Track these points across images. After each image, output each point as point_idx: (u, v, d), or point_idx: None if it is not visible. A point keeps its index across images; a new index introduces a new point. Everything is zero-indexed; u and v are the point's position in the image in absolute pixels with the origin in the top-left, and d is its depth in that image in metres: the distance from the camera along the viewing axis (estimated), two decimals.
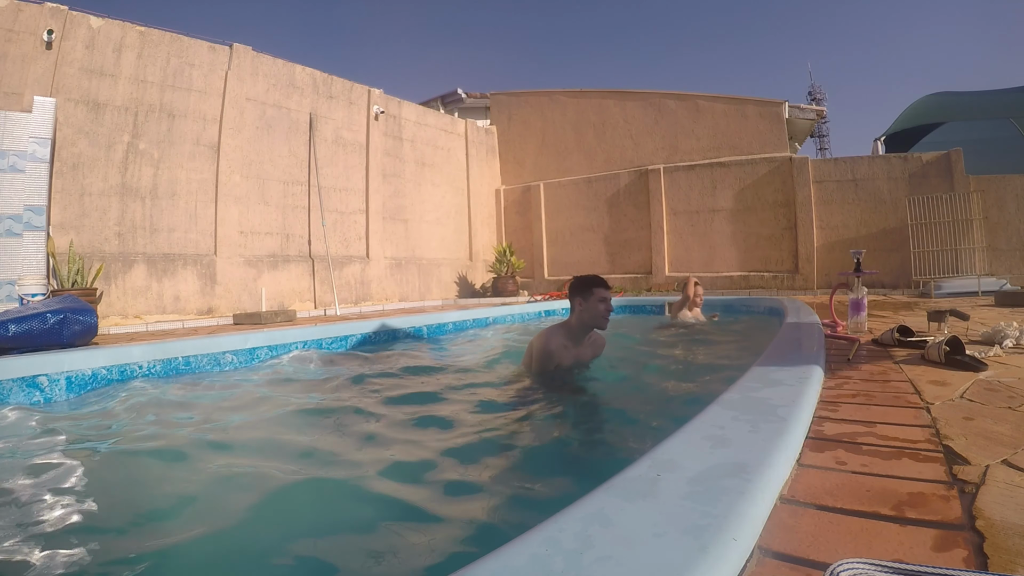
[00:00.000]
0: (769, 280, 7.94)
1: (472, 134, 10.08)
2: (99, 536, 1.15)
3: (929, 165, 7.13)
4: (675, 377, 2.85)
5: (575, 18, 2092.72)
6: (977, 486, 0.84)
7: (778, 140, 8.16)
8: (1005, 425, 1.15)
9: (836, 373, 1.80)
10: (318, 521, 1.20)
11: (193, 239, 6.03)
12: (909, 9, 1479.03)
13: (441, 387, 2.59)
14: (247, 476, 1.49)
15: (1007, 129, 8.90)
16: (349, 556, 1.06)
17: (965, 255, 6.76)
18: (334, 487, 1.41)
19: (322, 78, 7.50)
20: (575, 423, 1.96)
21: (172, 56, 5.92)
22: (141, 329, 5.05)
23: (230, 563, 1.07)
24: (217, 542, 1.13)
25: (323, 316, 6.17)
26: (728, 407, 1.17)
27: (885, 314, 4.03)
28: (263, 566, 1.04)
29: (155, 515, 1.27)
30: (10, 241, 4.61)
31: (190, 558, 1.07)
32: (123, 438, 1.85)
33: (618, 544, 0.60)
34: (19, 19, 4.98)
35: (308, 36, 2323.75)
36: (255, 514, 1.26)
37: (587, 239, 9.62)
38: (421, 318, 4.75)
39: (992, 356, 1.98)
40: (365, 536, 1.13)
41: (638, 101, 9.30)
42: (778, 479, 0.84)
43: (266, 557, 1.07)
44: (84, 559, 1.05)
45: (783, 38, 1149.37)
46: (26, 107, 4.83)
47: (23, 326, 3.10)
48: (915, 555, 0.65)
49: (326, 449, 1.74)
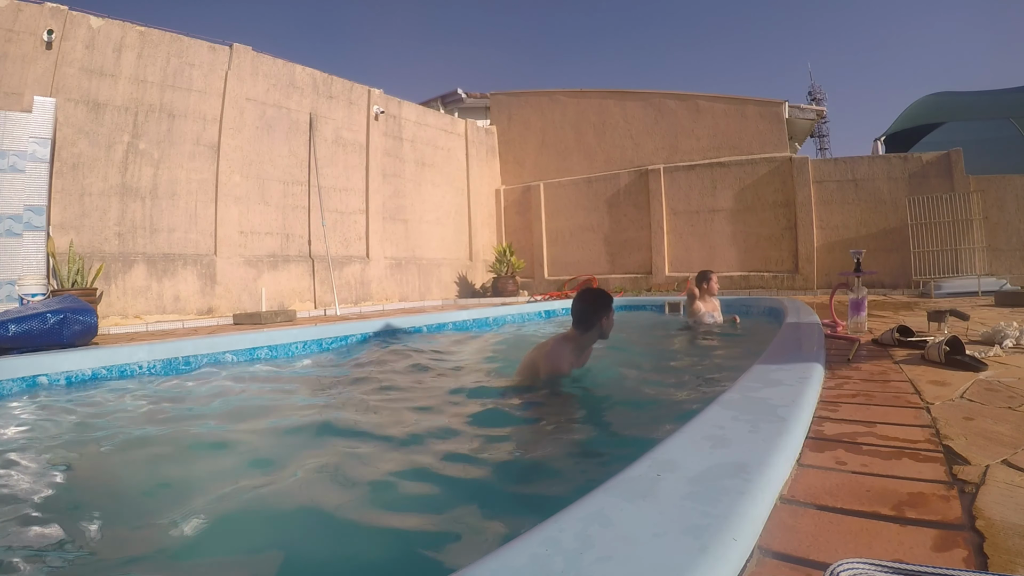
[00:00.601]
0: (769, 280, 7.94)
1: (472, 134, 10.08)
2: (80, 539, 1.15)
3: (929, 165, 7.13)
4: (679, 381, 2.84)
5: (575, 18, 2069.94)
6: (977, 486, 0.84)
7: (778, 140, 8.16)
8: (1005, 425, 1.15)
9: (836, 373, 1.80)
10: (318, 521, 1.20)
11: (193, 239, 6.03)
12: (909, 9, 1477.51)
13: (440, 387, 2.58)
14: (246, 477, 1.49)
15: (1007, 129, 8.90)
16: (349, 556, 1.06)
17: (965, 255, 6.76)
18: (333, 487, 1.40)
19: (322, 78, 7.50)
20: (579, 424, 1.96)
21: (172, 56, 5.92)
22: (141, 329, 5.05)
23: (229, 564, 1.07)
24: (212, 546, 1.13)
25: (323, 316, 6.17)
26: (728, 407, 1.17)
27: (885, 314, 4.03)
28: (263, 566, 1.04)
29: (149, 516, 1.27)
30: (10, 241, 4.61)
31: (187, 559, 1.07)
32: (113, 439, 1.85)
33: (618, 544, 0.60)
34: (19, 19, 4.98)
35: (308, 36, 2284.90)
36: (254, 515, 1.26)
37: (587, 239, 9.62)
38: (421, 318, 4.76)
39: (992, 356, 1.98)
40: (365, 536, 1.13)
41: (638, 101, 9.30)
42: (778, 479, 0.84)
43: (265, 557, 1.06)
44: (75, 561, 1.05)
45: (783, 38, 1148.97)
46: (26, 107, 4.83)
47: (23, 326, 3.10)
48: (915, 555, 0.65)
49: (325, 449, 1.74)
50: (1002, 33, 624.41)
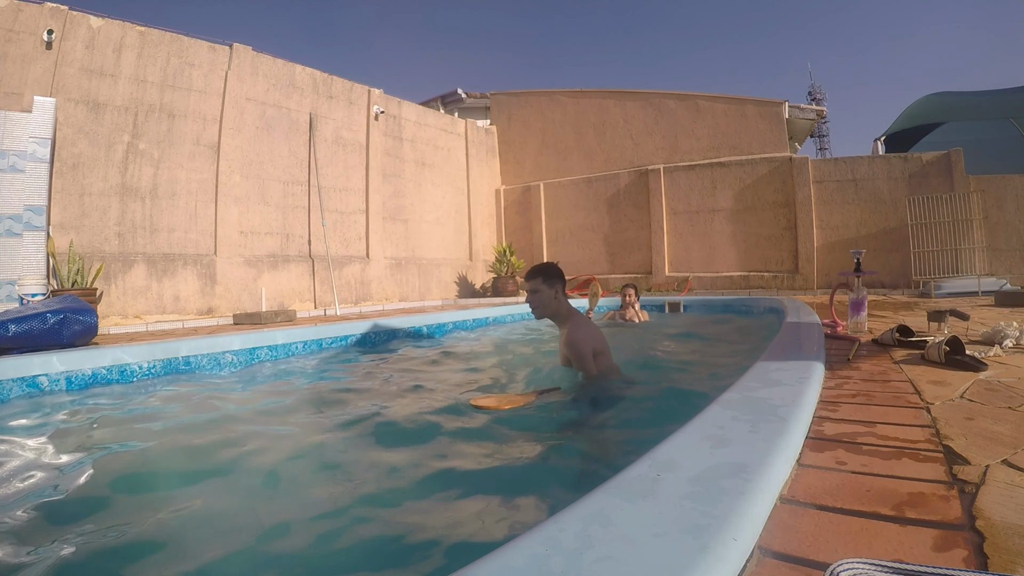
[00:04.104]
0: (769, 280, 7.94)
1: (472, 134, 10.08)
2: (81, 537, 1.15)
3: (929, 165, 7.13)
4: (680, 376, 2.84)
5: (575, 18, 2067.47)
6: (977, 486, 0.84)
7: (778, 140, 8.16)
8: (1005, 425, 1.15)
9: (836, 373, 1.80)
10: (318, 521, 1.20)
11: (193, 239, 6.03)
12: (909, 9, 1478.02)
13: (439, 388, 2.58)
14: (246, 480, 1.49)
15: (1007, 129, 8.89)
16: (349, 556, 1.06)
17: (965, 255, 6.76)
18: (333, 487, 1.40)
19: (322, 78, 7.50)
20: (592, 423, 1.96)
21: (172, 56, 5.92)
22: (141, 329, 5.05)
23: (227, 564, 1.07)
24: (210, 547, 1.13)
25: (323, 316, 6.17)
26: (728, 407, 1.17)
27: (885, 314, 4.03)
28: (262, 566, 1.04)
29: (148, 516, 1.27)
30: (10, 241, 4.61)
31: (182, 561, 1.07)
32: (107, 441, 1.85)
33: (618, 544, 0.60)
34: (19, 19, 4.98)
35: (308, 36, 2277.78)
36: (253, 515, 1.26)
37: (587, 239, 9.62)
38: (421, 318, 4.75)
39: (992, 356, 1.98)
40: (365, 536, 1.13)
41: (638, 101, 9.30)
42: (778, 479, 0.84)
43: (265, 557, 1.06)
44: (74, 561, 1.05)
45: (783, 38, 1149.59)
46: (26, 107, 4.83)
47: (23, 326, 3.10)
48: (915, 555, 0.65)
49: (324, 449, 1.74)
50: (1002, 33, 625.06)
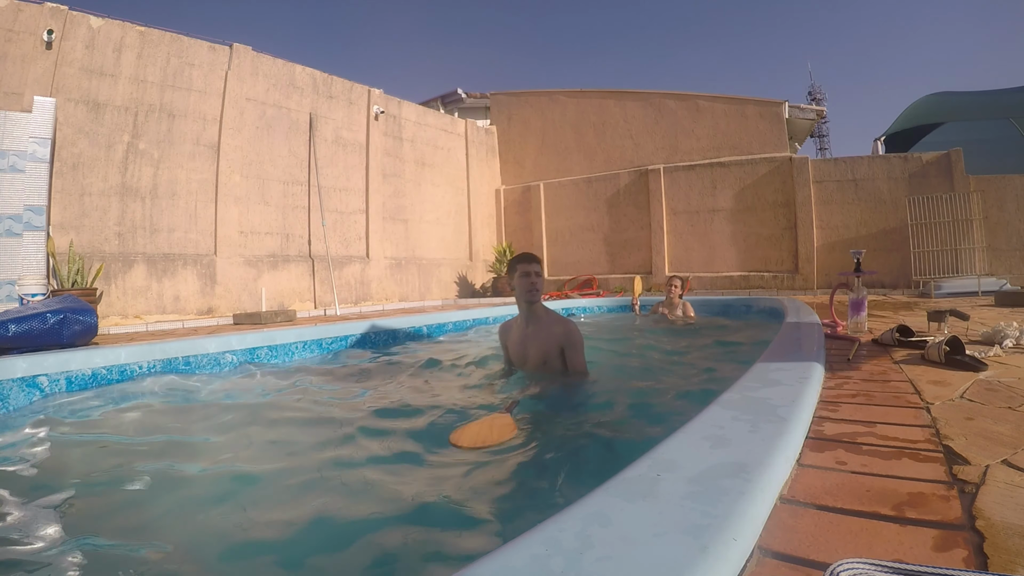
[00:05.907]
0: (769, 280, 7.94)
1: (472, 134, 10.08)
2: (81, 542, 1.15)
3: (929, 165, 7.13)
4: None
5: (575, 18, 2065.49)
6: (977, 486, 0.84)
7: (778, 140, 8.16)
8: (1005, 425, 1.15)
9: (836, 373, 1.80)
10: (317, 522, 1.20)
11: (193, 239, 6.03)
12: (909, 9, 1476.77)
13: (438, 388, 2.58)
14: (246, 481, 1.49)
15: (1007, 129, 8.89)
16: (349, 556, 1.06)
17: (965, 255, 6.76)
18: (333, 487, 1.40)
19: (322, 78, 7.50)
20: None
21: (172, 56, 5.92)
22: (141, 329, 5.05)
23: (225, 565, 1.07)
24: (210, 547, 1.13)
25: (323, 316, 6.17)
26: (728, 407, 1.17)
27: (885, 314, 4.03)
28: (262, 566, 1.04)
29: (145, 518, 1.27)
30: (10, 241, 4.61)
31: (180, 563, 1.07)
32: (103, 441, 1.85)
33: (618, 544, 0.60)
34: (19, 19, 4.98)
35: (308, 36, 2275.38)
36: (252, 516, 1.26)
37: (587, 239, 9.62)
38: (421, 318, 4.75)
39: (992, 356, 1.98)
40: (364, 536, 1.13)
41: (638, 101, 9.30)
42: (778, 479, 0.84)
43: (265, 558, 1.06)
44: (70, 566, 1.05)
45: (783, 38, 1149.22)
46: (26, 107, 4.83)
47: (23, 326, 3.10)
48: (915, 555, 0.65)
49: (324, 449, 1.74)
50: (1002, 33, 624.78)
